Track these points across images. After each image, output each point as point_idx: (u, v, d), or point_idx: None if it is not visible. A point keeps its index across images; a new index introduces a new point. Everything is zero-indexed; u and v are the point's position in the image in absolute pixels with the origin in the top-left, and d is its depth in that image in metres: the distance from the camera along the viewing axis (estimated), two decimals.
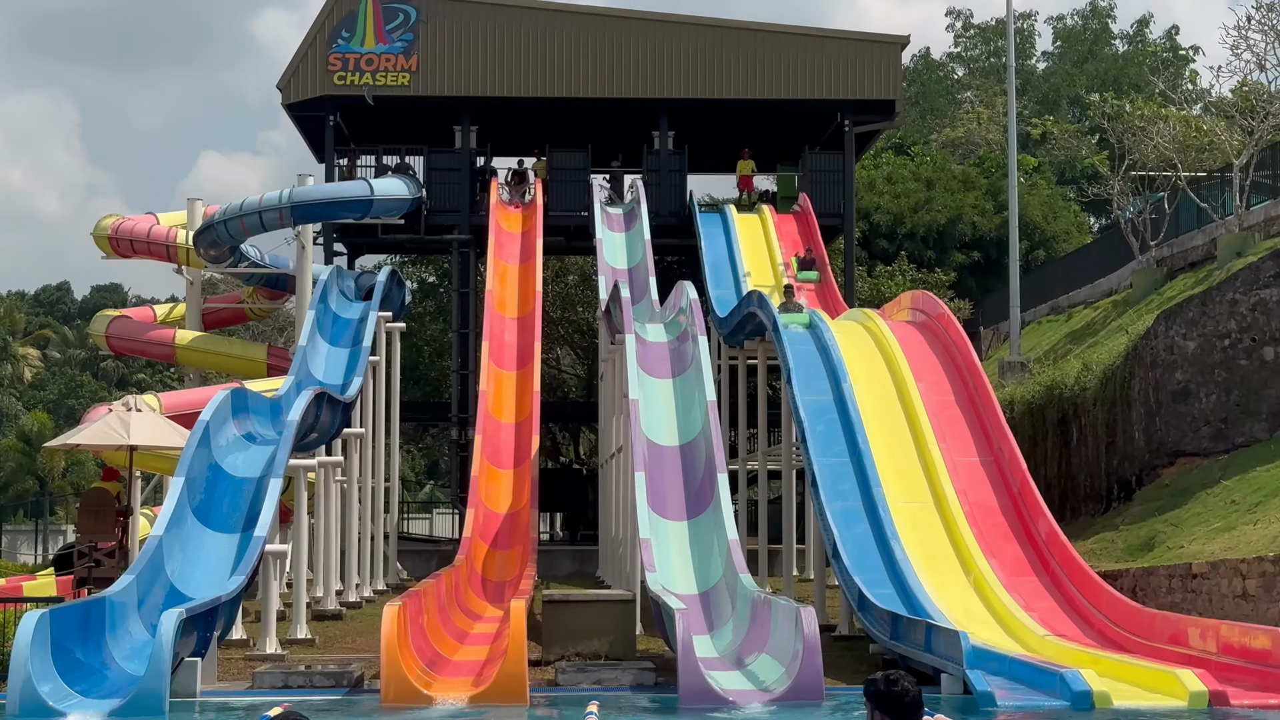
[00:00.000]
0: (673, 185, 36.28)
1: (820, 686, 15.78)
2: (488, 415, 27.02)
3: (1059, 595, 19.51)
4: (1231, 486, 23.15)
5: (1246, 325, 24.99)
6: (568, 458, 49.65)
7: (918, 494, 21.16)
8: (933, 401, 22.61)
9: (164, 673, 15.49)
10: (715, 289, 31.80)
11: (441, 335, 43.54)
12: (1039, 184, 53.86)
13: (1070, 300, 41.05)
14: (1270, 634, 16.04)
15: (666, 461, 22.30)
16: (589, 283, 42.20)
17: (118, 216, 34.48)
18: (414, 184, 34.64)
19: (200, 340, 33.30)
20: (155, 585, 18.56)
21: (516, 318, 30.60)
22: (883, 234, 48.24)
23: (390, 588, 27.70)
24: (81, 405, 61.99)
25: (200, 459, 20.64)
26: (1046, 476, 27.57)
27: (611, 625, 19.07)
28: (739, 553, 19.52)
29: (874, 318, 25.22)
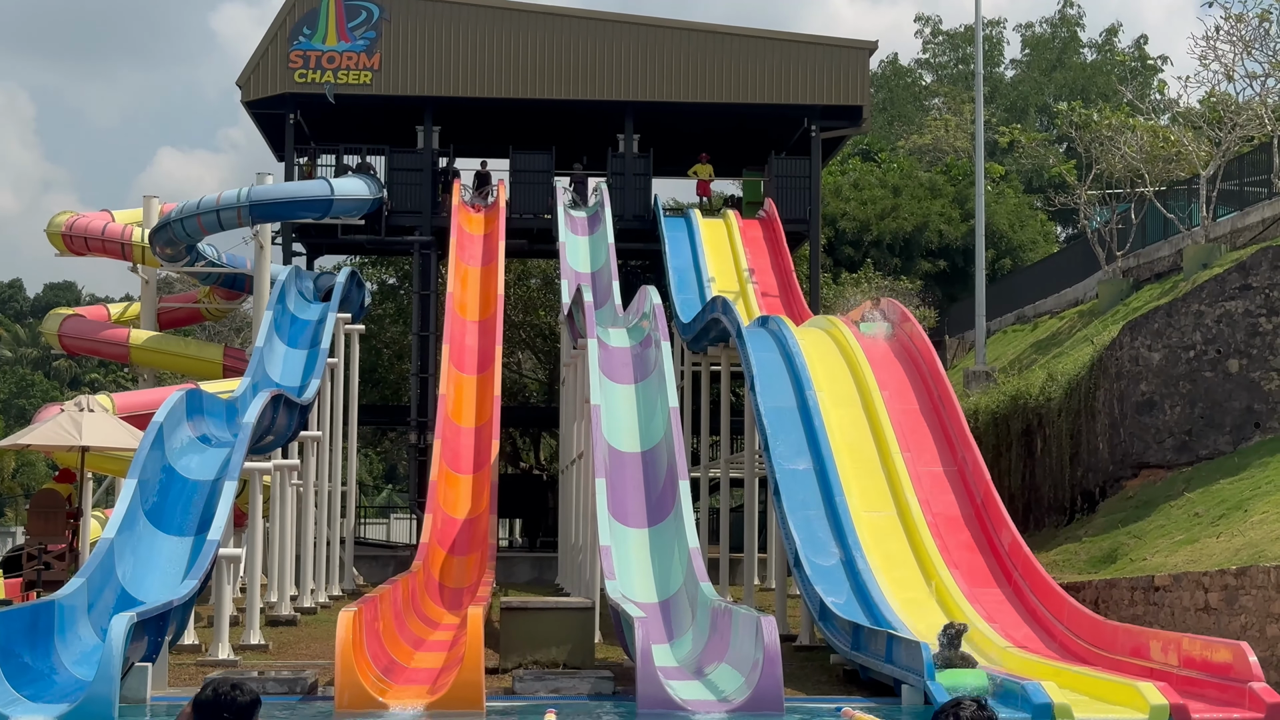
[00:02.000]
0: (637, 189, 36.09)
1: (780, 697, 15.59)
2: (447, 419, 26.76)
3: (1021, 607, 19.38)
4: (1195, 499, 23.08)
5: (1211, 337, 24.94)
6: (528, 463, 49.39)
7: (881, 503, 21.01)
8: (897, 410, 22.47)
9: (113, 677, 15.19)
10: (679, 294, 31.63)
11: (401, 338, 43.22)
12: (1006, 192, 53.94)
13: (1036, 310, 41.05)
14: (1232, 647, 15.93)
15: (628, 468, 22.09)
16: (551, 286, 41.99)
17: (72, 213, 34.07)
18: (375, 184, 34.34)
19: (155, 340, 32.91)
20: (106, 589, 18.26)
21: (478, 321, 30.34)
22: (848, 241, 48.19)
23: (346, 593, 27.40)
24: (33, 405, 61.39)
25: (153, 461, 20.32)
26: (1010, 487, 27.48)
27: (570, 633, 18.83)
28: (700, 561, 19.33)
29: (839, 325, 25.07)
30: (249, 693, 5.52)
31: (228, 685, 5.54)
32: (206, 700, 5.49)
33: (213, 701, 5.48)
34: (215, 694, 5.49)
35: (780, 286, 32.88)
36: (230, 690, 5.50)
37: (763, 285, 32.69)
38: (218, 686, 5.54)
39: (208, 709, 5.46)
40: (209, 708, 5.46)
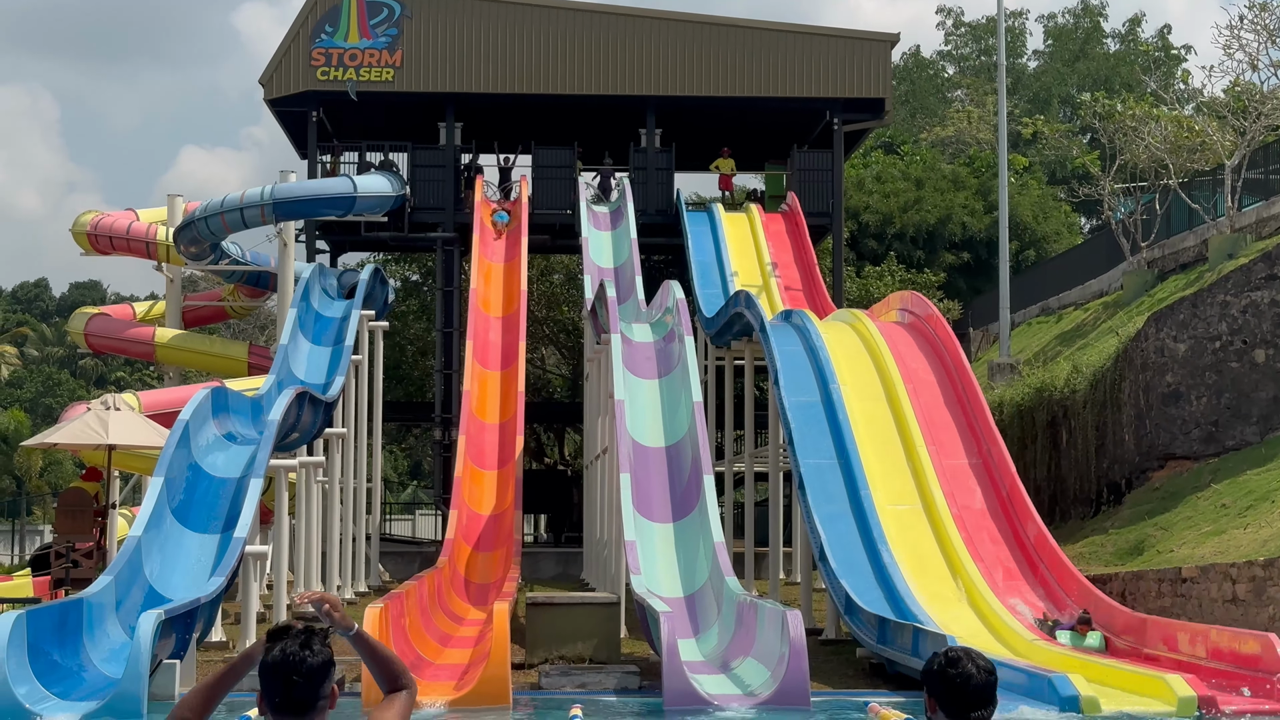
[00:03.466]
0: (660, 183, 36.05)
1: (806, 691, 15.58)
2: (471, 415, 26.79)
3: (1048, 599, 19.34)
4: (1222, 490, 22.98)
5: (1237, 328, 24.82)
6: (552, 459, 49.42)
7: (906, 497, 20.97)
8: (921, 403, 22.42)
9: (142, 675, 15.27)
10: (702, 288, 31.59)
11: (425, 334, 43.27)
12: (1029, 184, 53.74)
13: (1060, 301, 40.90)
14: (1260, 639, 15.88)
15: (652, 463, 22.09)
16: (574, 282, 41.97)
17: (97, 213, 34.18)
18: (397, 181, 34.39)
19: (180, 338, 33.02)
20: (133, 586, 18.34)
21: (501, 317, 30.36)
22: (871, 234, 48.07)
23: (372, 589, 27.46)
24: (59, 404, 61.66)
25: (180, 459, 20.40)
26: (1035, 479, 27.40)
27: (596, 628, 18.85)
28: (725, 555, 19.33)
29: (862, 319, 25.02)
30: (320, 652, 4.57)
31: (296, 643, 4.57)
32: (273, 663, 4.54)
33: (280, 664, 4.53)
34: (283, 654, 4.54)
35: (803, 280, 32.83)
36: (299, 650, 4.54)
37: (786, 279, 32.64)
38: (285, 645, 4.57)
39: (274, 673, 4.54)
40: (275, 672, 4.53)
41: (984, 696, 4.74)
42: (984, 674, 4.77)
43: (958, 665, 4.77)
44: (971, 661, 4.77)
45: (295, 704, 4.51)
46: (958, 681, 4.71)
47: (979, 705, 4.73)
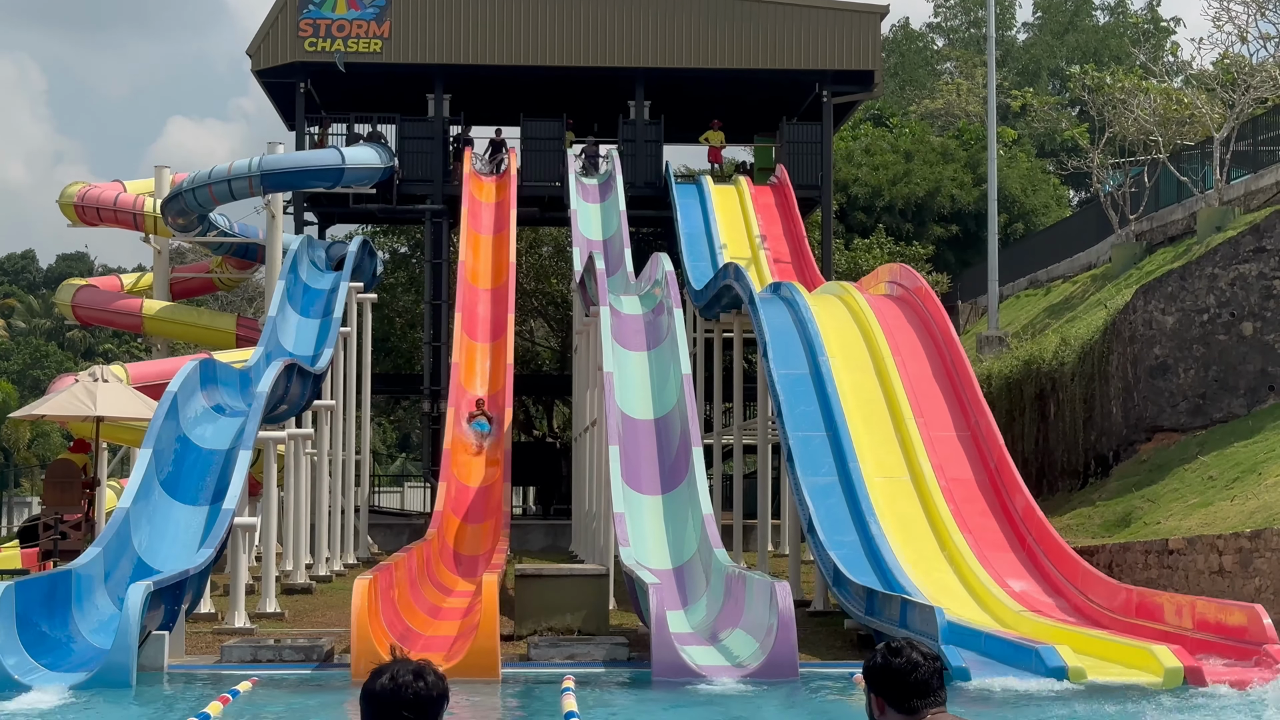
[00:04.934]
0: (649, 156, 35.98)
1: (795, 662, 15.64)
2: (460, 388, 26.79)
3: (1035, 571, 19.40)
4: (1209, 462, 23.06)
5: (1225, 300, 24.87)
6: (541, 431, 49.45)
7: (894, 469, 21.02)
8: (910, 376, 22.45)
9: (131, 646, 15.29)
10: (691, 261, 31.58)
11: (414, 306, 43.22)
12: (1018, 157, 53.74)
13: (1049, 274, 40.94)
14: (1246, 610, 15.95)
15: (641, 435, 22.11)
16: (563, 254, 41.94)
17: (84, 184, 34.06)
18: (386, 153, 34.29)
19: (168, 310, 32.95)
20: (122, 558, 18.35)
21: (490, 289, 30.33)
22: (860, 207, 48.05)
23: (361, 562, 27.49)
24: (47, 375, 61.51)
25: (168, 430, 20.39)
26: (1024, 452, 27.47)
27: (585, 600, 18.89)
28: (714, 528, 19.37)
29: (851, 291, 25.03)
30: (435, 684, 4.18)
31: (408, 672, 4.17)
32: (382, 691, 4.12)
33: (390, 693, 4.11)
34: (394, 683, 4.12)
35: (792, 253, 32.83)
36: (412, 680, 4.14)
37: (775, 251, 32.63)
38: (396, 673, 4.16)
39: (380, 704, 4.12)
40: (384, 701, 4.11)
41: (931, 684, 4.53)
42: (929, 660, 4.57)
43: (900, 654, 4.58)
44: (914, 649, 4.58)
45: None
46: (903, 670, 4.52)
47: (927, 693, 4.51)
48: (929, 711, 4.46)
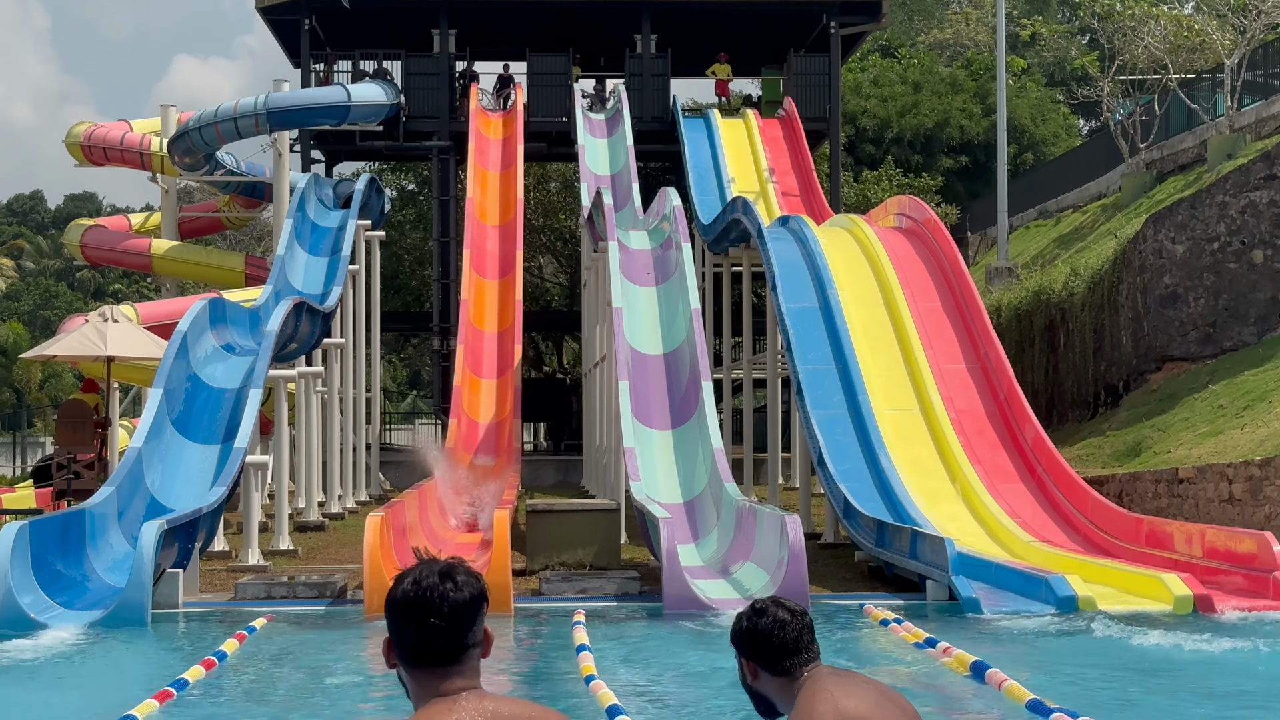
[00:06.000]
0: (656, 90, 35.78)
1: (805, 594, 15.70)
2: (469, 324, 26.80)
3: (1045, 501, 19.45)
4: (1219, 391, 23.05)
5: (1236, 228, 24.76)
6: (551, 367, 49.50)
7: (904, 401, 21.03)
8: (919, 308, 22.42)
9: (145, 584, 15.39)
10: (699, 195, 31.47)
11: (422, 244, 43.16)
12: (1028, 86, 53.37)
13: (1059, 204, 40.76)
14: (1256, 538, 15.99)
15: (650, 370, 22.12)
16: (571, 190, 41.81)
17: (90, 124, 33.94)
18: (392, 89, 34.13)
19: (177, 249, 32.93)
20: (135, 497, 18.44)
21: (498, 225, 30.27)
22: (869, 139, 47.80)
23: (373, 498, 27.61)
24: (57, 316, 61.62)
25: (179, 370, 20.43)
26: (1033, 383, 27.46)
27: (596, 535, 18.96)
28: (724, 461, 19.41)
29: (860, 224, 24.95)
30: (467, 584, 3.52)
31: (434, 574, 3.52)
32: (405, 599, 3.51)
33: (416, 600, 3.50)
34: (418, 589, 3.50)
35: (801, 186, 32.70)
36: (439, 583, 3.50)
37: (783, 185, 32.51)
38: (420, 577, 3.52)
39: (406, 613, 3.51)
40: (408, 611, 3.51)
41: (801, 640, 4.28)
42: (797, 617, 4.30)
43: (765, 614, 4.31)
44: (780, 607, 4.32)
45: (435, 652, 3.47)
46: (771, 630, 4.27)
47: (796, 651, 4.27)
48: (803, 670, 4.25)
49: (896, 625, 14.03)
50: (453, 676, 3.46)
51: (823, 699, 4.12)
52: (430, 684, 3.46)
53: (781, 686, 4.26)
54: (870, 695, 4.16)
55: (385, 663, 3.56)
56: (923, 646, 12.71)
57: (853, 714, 4.06)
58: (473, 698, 3.44)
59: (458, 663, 3.47)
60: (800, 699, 4.18)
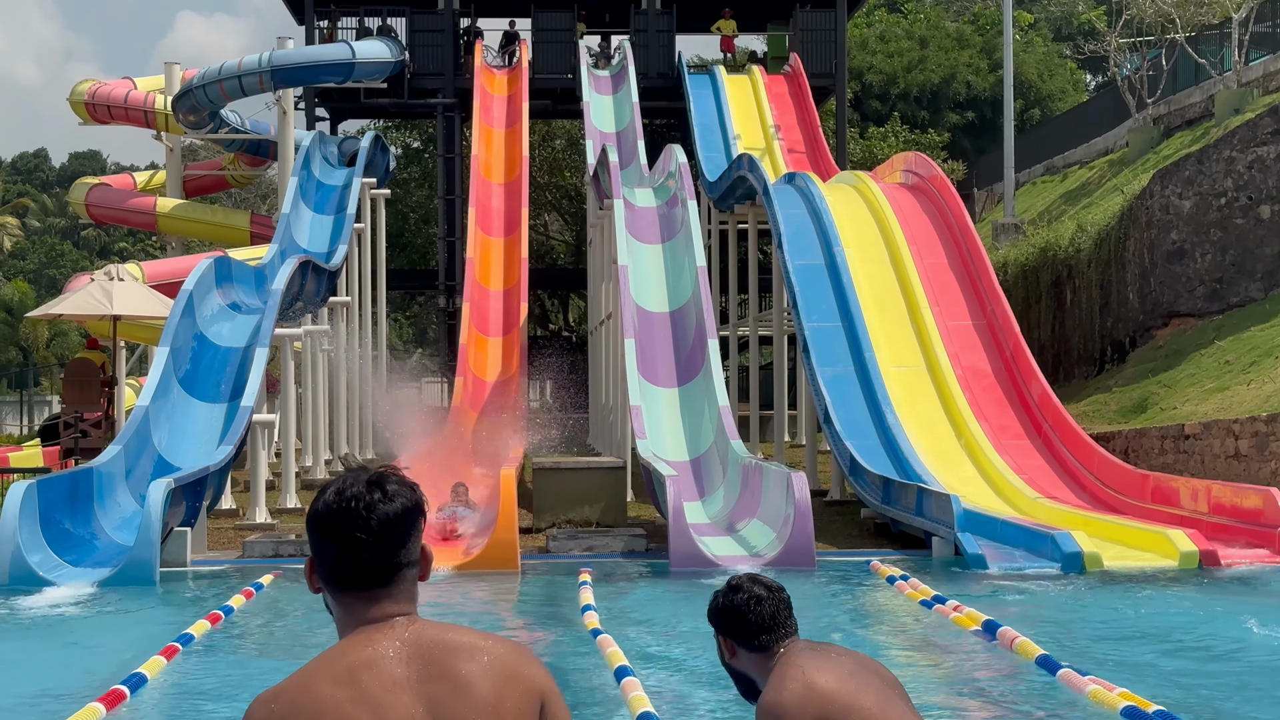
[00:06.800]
0: (661, 46, 35.61)
1: (811, 551, 15.76)
2: (475, 282, 26.77)
3: (1051, 458, 19.47)
4: (1225, 347, 23.02)
5: (1243, 183, 24.67)
6: (556, 325, 49.49)
7: (910, 358, 21.02)
8: (926, 265, 22.38)
9: (154, 542, 15.45)
10: (705, 152, 31.37)
11: (427, 202, 43.07)
12: (1034, 41, 53.10)
13: (1065, 160, 40.61)
14: (1262, 493, 16.01)
15: (656, 328, 22.12)
16: (576, 147, 41.66)
17: (94, 81, 33.84)
18: (396, 46, 33.98)
19: (182, 208, 32.89)
20: (142, 455, 18.49)
21: (503, 183, 30.19)
22: (875, 95, 47.60)
23: (379, 457, 27.65)
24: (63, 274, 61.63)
25: (185, 328, 20.44)
26: (1040, 339, 27.43)
27: (602, 492, 19.02)
28: (730, 419, 19.43)
29: (866, 180, 24.88)
30: (398, 493, 3.04)
31: (360, 484, 3.03)
32: (325, 511, 3.01)
33: (338, 513, 3.00)
34: (340, 499, 3.00)
35: (806, 142, 32.59)
36: (365, 492, 3.02)
37: (789, 142, 32.40)
38: (344, 487, 3.02)
39: (328, 528, 3.00)
40: (329, 524, 3.00)
41: (777, 616, 4.24)
42: (774, 593, 4.27)
43: (740, 590, 4.28)
44: (756, 584, 4.30)
45: (362, 572, 2.99)
46: (746, 606, 4.24)
47: (773, 627, 4.22)
48: (779, 645, 4.23)
49: (903, 582, 14.07)
50: (383, 600, 2.99)
51: (793, 674, 4.09)
52: (357, 609, 2.99)
53: (759, 663, 4.24)
54: (844, 667, 4.11)
55: (309, 586, 3.07)
56: (929, 604, 12.75)
57: (822, 688, 4.02)
58: (404, 623, 2.98)
59: (388, 584, 3.00)
60: (773, 676, 4.14)
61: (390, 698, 2.88)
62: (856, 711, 3.98)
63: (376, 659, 2.92)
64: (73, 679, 10.20)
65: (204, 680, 10.30)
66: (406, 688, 2.89)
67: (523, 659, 3.00)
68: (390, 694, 2.88)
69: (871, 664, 4.20)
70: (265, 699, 2.91)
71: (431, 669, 2.91)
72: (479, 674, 2.93)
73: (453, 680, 2.90)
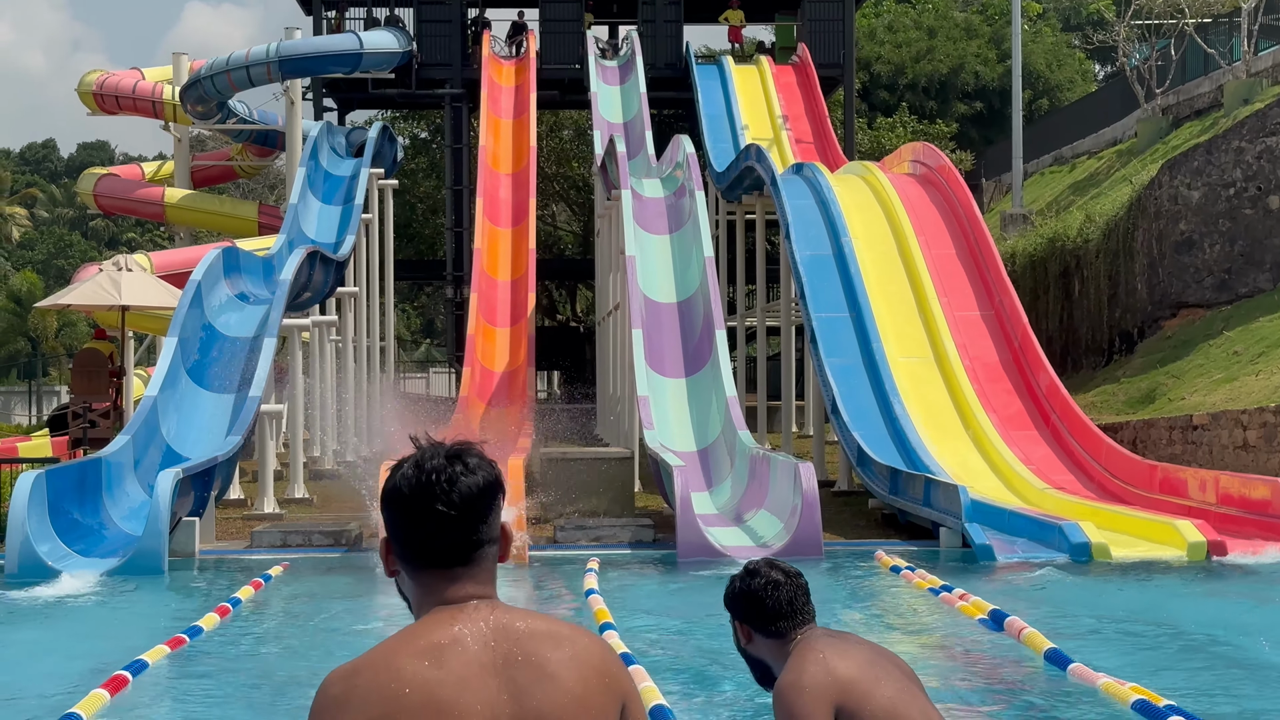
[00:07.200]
0: (668, 36, 35.59)
1: (819, 542, 15.76)
2: (483, 273, 26.78)
3: (1059, 449, 19.45)
4: (1234, 337, 22.99)
5: (1252, 174, 24.62)
6: (564, 315, 49.49)
7: (918, 349, 21.01)
8: (933, 255, 22.36)
9: (162, 532, 15.49)
10: (713, 143, 31.35)
11: (435, 192, 43.07)
12: (1043, 31, 52.98)
13: (1074, 150, 40.55)
14: (1270, 484, 15.99)
15: (664, 318, 22.11)
16: (584, 137, 41.67)
17: (102, 72, 33.86)
18: (404, 37, 33.99)
19: (190, 199, 32.91)
20: (151, 446, 18.52)
21: (511, 174, 30.19)
22: (883, 85, 47.53)
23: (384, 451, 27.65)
24: (71, 265, 61.69)
25: (193, 319, 20.47)
26: (1048, 330, 27.41)
27: (610, 483, 19.02)
28: (737, 410, 19.43)
29: (874, 171, 24.85)
30: (480, 467, 2.92)
31: (440, 456, 2.91)
32: (405, 485, 2.89)
33: (418, 487, 2.89)
34: (420, 473, 2.88)
35: (814, 133, 32.56)
36: (446, 465, 2.90)
37: (797, 132, 32.37)
38: (424, 460, 2.90)
39: (407, 502, 2.90)
40: (410, 499, 2.89)
41: (795, 602, 4.18)
42: (791, 578, 4.21)
43: (758, 575, 4.22)
44: (774, 569, 4.24)
45: (443, 549, 2.88)
46: (762, 591, 4.18)
47: (791, 614, 4.17)
48: (797, 631, 4.19)
49: (909, 572, 14.07)
50: (463, 580, 2.87)
51: (814, 659, 4.06)
52: (436, 588, 2.87)
53: (775, 649, 4.20)
54: (864, 655, 4.10)
55: (384, 569, 2.96)
56: (936, 593, 12.75)
57: (842, 674, 4.00)
58: (484, 607, 2.86)
59: (468, 562, 2.88)
60: (791, 659, 4.11)
61: (477, 681, 2.76)
62: (875, 699, 3.97)
63: (461, 639, 2.79)
64: (79, 668, 10.23)
65: (210, 670, 10.32)
66: (492, 672, 2.77)
67: (607, 655, 2.88)
68: (477, 677, 2.76)
69: (888, 654, 4.19)
70: (344, 674, 2.78)
71: (516, 655, 2.79)
72: (565, 664, 2.81)
73: (538, 668, 2.79)
